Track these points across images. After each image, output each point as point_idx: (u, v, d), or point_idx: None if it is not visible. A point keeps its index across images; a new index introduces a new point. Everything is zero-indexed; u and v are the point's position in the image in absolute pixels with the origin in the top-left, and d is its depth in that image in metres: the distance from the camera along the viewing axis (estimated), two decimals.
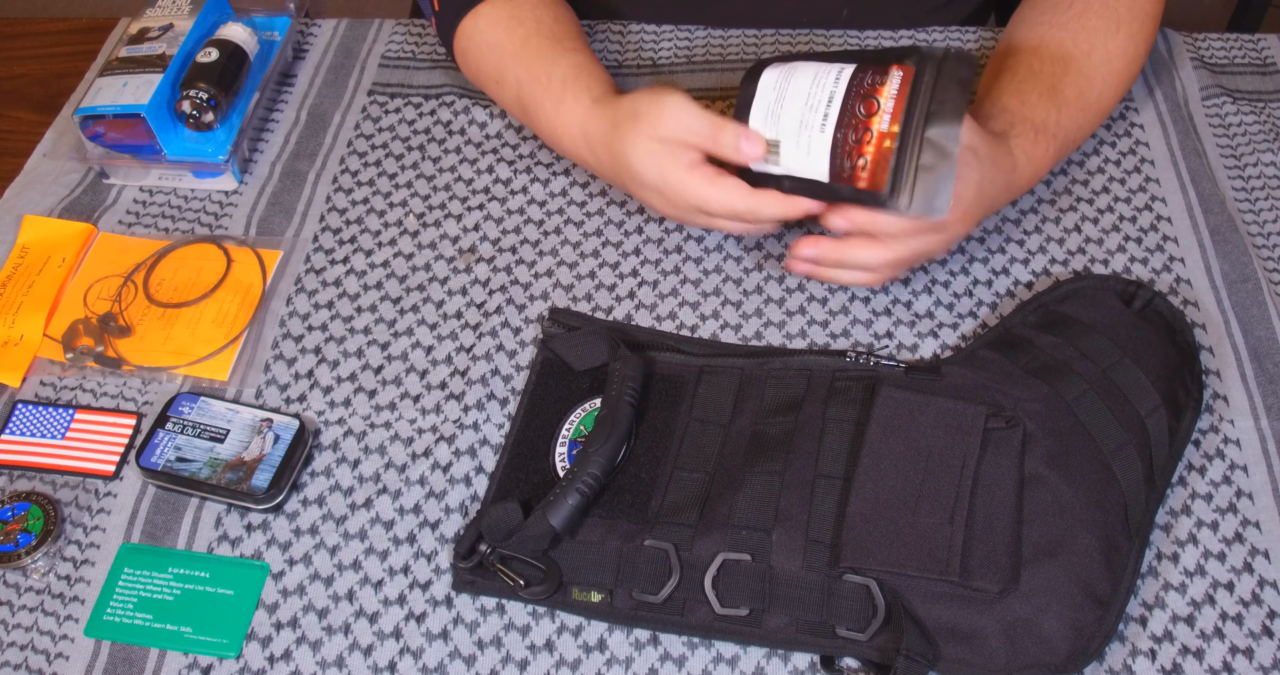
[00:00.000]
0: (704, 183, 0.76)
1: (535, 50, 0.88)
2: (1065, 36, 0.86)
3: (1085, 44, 0.86)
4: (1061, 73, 0.85)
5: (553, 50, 0.88)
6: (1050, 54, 0.86)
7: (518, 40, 0.89)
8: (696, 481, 0.73)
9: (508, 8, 0.90)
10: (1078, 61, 0.85)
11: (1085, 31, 0.86)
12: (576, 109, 0.84)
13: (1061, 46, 0.86)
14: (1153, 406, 0.73)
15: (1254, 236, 0.87)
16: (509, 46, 0.89)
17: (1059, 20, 0.87)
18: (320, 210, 0.93)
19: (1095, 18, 0.87)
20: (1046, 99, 0.83)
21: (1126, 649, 0.68)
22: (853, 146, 0.71)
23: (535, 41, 0.88)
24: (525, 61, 0.88)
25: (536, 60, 0.87)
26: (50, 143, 1.00)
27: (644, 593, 0.69)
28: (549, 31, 0.89)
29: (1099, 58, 0.86)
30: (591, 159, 0.84)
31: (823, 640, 0.67)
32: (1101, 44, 0.86)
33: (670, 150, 0.77)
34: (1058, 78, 0.84)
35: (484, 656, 0.69)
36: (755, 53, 1.01)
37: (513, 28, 0.89)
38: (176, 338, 0.84)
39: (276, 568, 0.73)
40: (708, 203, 0.76)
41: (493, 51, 0.90)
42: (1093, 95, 0.85)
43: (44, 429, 0.80)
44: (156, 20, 0.97)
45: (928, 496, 0.68)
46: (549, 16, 0.90)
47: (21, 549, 0.73)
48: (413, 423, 0.80)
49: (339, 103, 1.01)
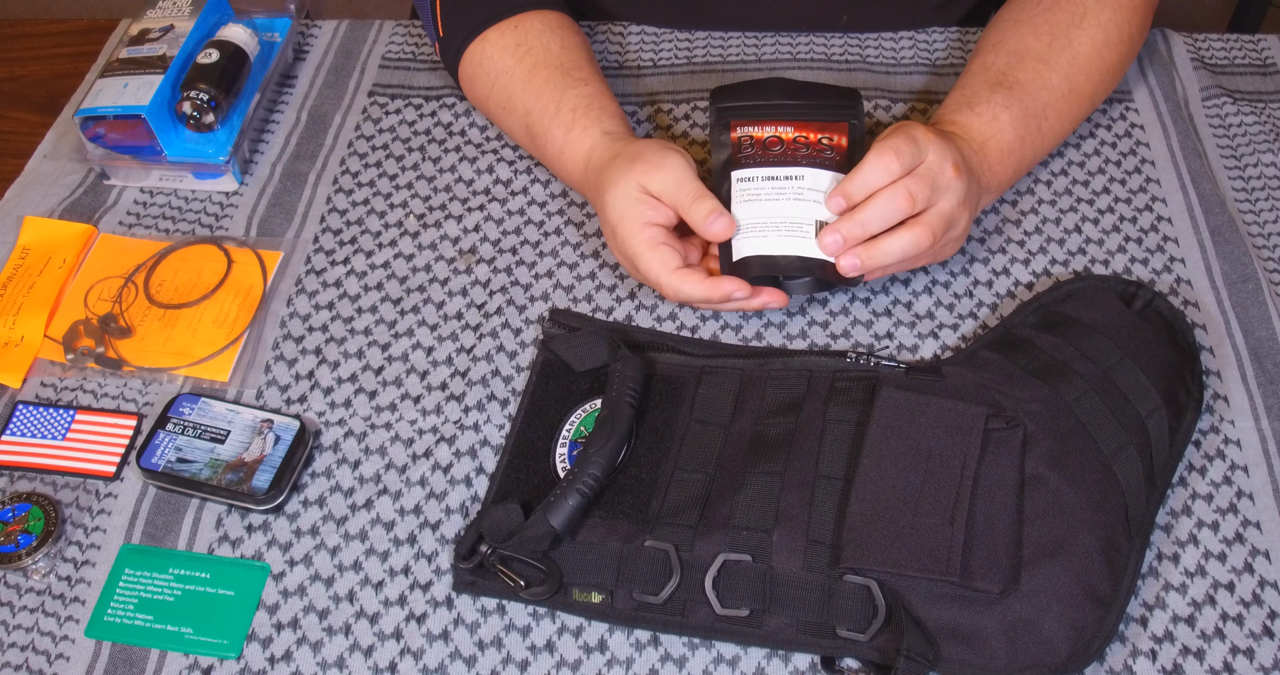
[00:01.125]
0: (645, 243, 0.77)
1: (544, 79, 0.87)
2: (1026, 30, 0.87)
3: (1046, 35, 0.86)
4: (1016, 62, 0.85)
5: (562, 80, 0.87)
6: (1007, 48, 0.87)
7: (525, 68, 0.88)
8: (697, 482, 0.73)
9: (515, 35, 0.89)
10: (1035, 50, 0.86)
11: (1048, 24, 0.87)
12: (585, 138, 0.84)
13: (1020, 40, 0.87)
14: (1153, 407, 0.73)
15: (1254, 237, 0.87)
16: (517, 74, 0.88)
17: (1024, 17, 0.88)
18: (321, 211, 0.93)
19: (1060, 11, 0.87)
20: (991, 83, 0.84)
21: (1127, 649, 0.68)
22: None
23: (544, 70, 0.88)
24: (534, 90, 0.87)
25: (545, 89, 0.87)
26: (51, 144, 1.00)
27: (644, 593, 0.69)
28: (557, 60, 0.88)
29: (1060, 45, 0.86)
30: (585, 185, 0.85)
31: (823, 641, 0.67)
32: (1064, 33, 0.86)
33: (643, 200, 0.77)
34: (1011, 66, 0.85)
35: (484, 657, 0.69)
36: (755, 54, 1.01)
37: (520, 55, 0.88)
38: (177, 339, 0.84)
39: (277, 568, 0.73)
40: (638, 261, 0.77)
41: (500, 78, 0.89)
42: (1055, 77, 0.85)
43: (45, 430, 0.80)
44: (157, 21, 0.97)
45: (928, 497, 0.68)
46: (557, 44, 0.89)
47: (22, 550, 0.73)
48: (413, 424, 0.80)
49: (339, 104, 1.01)
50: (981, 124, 0.83)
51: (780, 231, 0.77)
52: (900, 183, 0.74)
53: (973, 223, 0.82)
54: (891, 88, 0.98)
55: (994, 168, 0.83)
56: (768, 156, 0.80)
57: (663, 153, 0.78)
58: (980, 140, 0.82)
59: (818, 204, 0.77)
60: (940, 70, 1.00)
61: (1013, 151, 0.84)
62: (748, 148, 0.80)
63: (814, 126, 0.81)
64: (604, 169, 0.81)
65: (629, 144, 0.81)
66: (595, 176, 0.82)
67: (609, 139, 0.83)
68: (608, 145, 0.82)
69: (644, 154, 0.79)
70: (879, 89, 0.98)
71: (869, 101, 0.97)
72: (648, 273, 0.77)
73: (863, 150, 0.77)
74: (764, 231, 0.77)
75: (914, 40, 1.02)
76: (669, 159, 0.78)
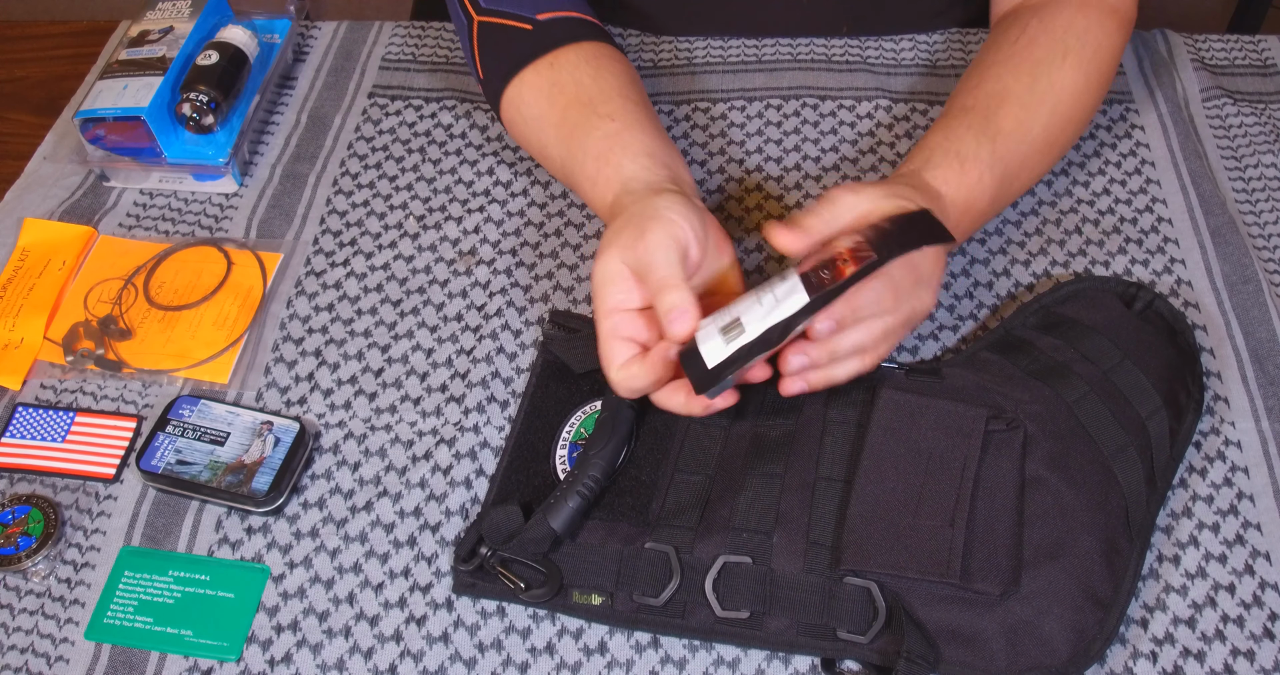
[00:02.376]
0: (606, 331, 0.71)
1: (573, 123, 0.83)
2: (1005, 71, 0.84)
3: (1027, 76, 0.83)
4: (997, 105, 0.82)
5: (587, 121, 0.83)
6: (987, 90, 0.83)
7: (558, 111, 0.84)
8: (697, 484, 0.73)
9: (550, 74, 0.85)
10: (1017, 94, 0.82)
11: (1028, 63, 0.84)
12: (607, 191, 0.79)
13: (1000, 81, 0.83)
14: (1153, 408, 0.73)
15: (1255, 238, 0.87)
16: (550, 119, 0.85)
17: (1002, 56, 0.85)
18: (320, 213, 0.93)
19: (1040, 49, 0.84)
20: (976, 130, 0.80)
21: (1127, 651, 0.68)
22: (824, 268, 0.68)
23: (574, 112, 0.84)
24: (563, 137, 0.84)
25: (573, 135, 0.83)
26: (51, 145, 1.00)
27: (645, 595, 0.69)
28: (587, 96, 0.84)
29: (1041, 88, 0.82)
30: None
31: (824, 643, 0.67)
32: (1045, 74, 0.83)
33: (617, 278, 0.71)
34: (992, 111, 0.81)
35: (484, 659, 0.69)
36: (755, 55, 1.01)
37: (554, 97, 0.85)
38: (177, 340, 0.84)
39: (277, 571, 0.73)
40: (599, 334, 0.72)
41: (534, 123, 0.86)
42: (1036, 126, 0.82)
43: (44, 432, 0.80)
44: (157, 23, 0.97)
45: (928, 499, 0.68)
46: (588, 77, 0.85)
47: (22, 552, 0.73)
48: (413, 425, 0.80)
49: (339, 105, 1.01)
50: (969, 186, 0.78)
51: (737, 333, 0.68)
52: (884, 319, 0.71)
53: None
54: (892, 88, 0.98)
55: (965, 231, 0.81)
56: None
57: (648, 223, 0.71)
58: (962, 209, 0.78)
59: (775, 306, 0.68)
60: (940, 71, 1.00)
61: (982, 217, 0.82)
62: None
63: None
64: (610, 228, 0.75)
65: (637, 199, 0.76)
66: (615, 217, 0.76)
67: (625, 192, 0.78)
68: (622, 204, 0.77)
69: (635, 220, 0.72)
70: (879, 89, 0.98)
71: (869, 102, 0.97)
72: (602, 354, 0.71)
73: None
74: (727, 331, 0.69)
75: (914, 41, 1.02)
76: (650, 233, 0.70)
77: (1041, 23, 0.86)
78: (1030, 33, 0.85)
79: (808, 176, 0.93)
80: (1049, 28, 0.85)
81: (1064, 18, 0.86)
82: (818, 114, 0.97)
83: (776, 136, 0.96)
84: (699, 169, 0.94)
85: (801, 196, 0.91)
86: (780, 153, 0.95)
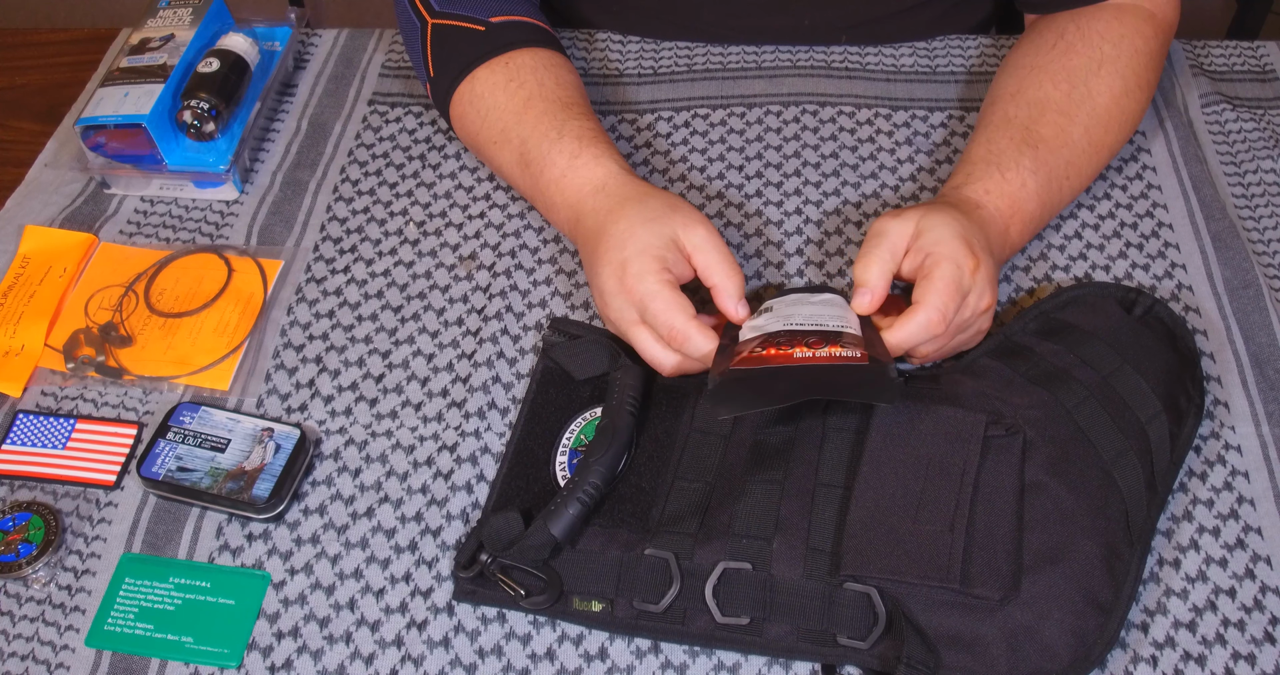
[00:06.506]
0: (663, 285, 0.73)
1: (540, 111, 0.85)
2: (1044, 78, 0.85)
3: (1065, 84, 0.84)
4: (1038, 114, 0.83)
5: (561, 112, 0.85)
6: (1027, 98, 0.85)
7: (519, 101, 0.86)
8: (697, 490, 0.73)
9: (505, 71, 0.87)
10: (1056, 102, 0.84)
11: (1065, 71, 0.85)
12: (597, 167, 0.81)
13: (1040, 89, 0.85)
14: (1153, 413, 0.73)
15: (1255, 243, 0.87)
16: (511, 107, 0.86)
17: (1040, 62, 0.86)
18: (321, 219, 0.93)
19: (1077, 56, 0.86)
20: (1018, 141, 0.82)
21: (1128, 656, 0.68)
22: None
23: (540, 103, 0.86)
24: (530, 121, 0.85)
25: (543, 119, 0.85)
26: (51, 153, 1.00)
27: (645, 602, 0.69)
28: (552, 94, 0.86)
29: (1079, 96, 0.84)
30: (595, 210, 0.80)
31: (824, 649, 0.67)
32: (1082, 82, 0.84)
33: (671, 248, 0.75)
34: (1033, 120, 0.83)
35: (485, 665, 0.69)
36: (755, 61, 1.01)
37: (513, 90, 0.87)
38: (177, 347, 0.84)
39: (277, 577, 0.73)
40: (652, 301, 0.73)
41: (494, 112, 0.87)
42: (1076, 131, 0.83)
43: (45, 439, 0.80)
44: (158, 31, 0.97)
45: (928, 504, 0.68)
46: (550, 80, 0.87)
47: (22, 559, 0.73)
48: (414, 431, 0.80)
49: (339, 112, 1.01)
50: (1011, 192, 0.80)
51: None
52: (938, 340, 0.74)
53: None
54: (892, 95, 0.98)
55: (1015, 242, 0.82)
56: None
57: (697, 213, 0.77)
58: (1008, 215, 0.80)
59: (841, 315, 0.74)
60: (940, 77, 1.00)
61: (1033, 220, 0.83)
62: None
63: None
64: (629, 202, 0.78)
65: (658, 191, 0.79)
66: (615, 206, 0.79)
67: (627, 174, 0.81)
68: (628, 181, 0.80)
69: (681, 206, 0.77)
70: (878, 97, 0.98)
71: (869, 109, 0.97)
72: (659, 314, 0.73)
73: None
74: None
75: (914, 47, 1.02)
76: (704, 222, 0.76)
77: (1079, 29, 0.87)
78: (1068, 39, 0.87)
79: (807, 182, 0.93)
80: (1086, 35, 0.87)
81: (1101, 24, 0.87)
82: (817, 120, 0.97)
83: (776, 143, 0.96)
84: (699, 175, 0.94)
85: (801, 202, 0.91)
86: (780, 159, 0.95)
